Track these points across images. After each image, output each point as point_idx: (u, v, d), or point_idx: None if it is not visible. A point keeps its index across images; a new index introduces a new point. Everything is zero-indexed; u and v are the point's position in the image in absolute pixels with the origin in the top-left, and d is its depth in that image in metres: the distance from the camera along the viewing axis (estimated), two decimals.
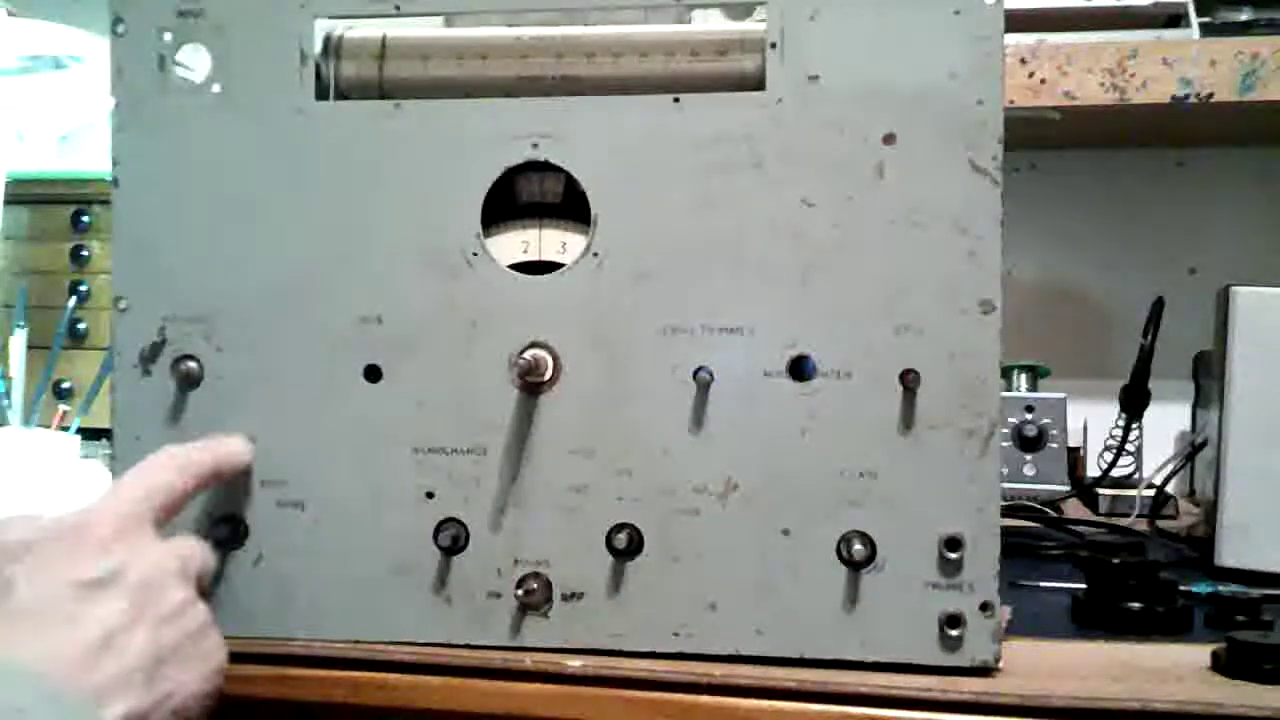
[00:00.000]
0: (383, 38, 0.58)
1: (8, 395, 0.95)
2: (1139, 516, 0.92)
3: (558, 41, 0.57)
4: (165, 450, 0.52)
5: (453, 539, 0.54)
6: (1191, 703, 0.47)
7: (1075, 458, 1.07)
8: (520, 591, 0.54)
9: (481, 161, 0.55)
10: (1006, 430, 1.00)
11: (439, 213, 0.55)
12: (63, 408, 1.03)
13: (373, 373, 0.55)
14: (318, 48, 0.57)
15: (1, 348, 1.00)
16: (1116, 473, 0.98)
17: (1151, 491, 0.96)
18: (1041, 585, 0.68)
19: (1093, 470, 1.05)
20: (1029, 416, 1.02)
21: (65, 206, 1.18)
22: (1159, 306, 0.94)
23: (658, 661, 0.52)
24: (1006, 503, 0.92)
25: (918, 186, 0.52)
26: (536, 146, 0.54)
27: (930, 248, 0.52)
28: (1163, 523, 0.92)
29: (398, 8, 0.56)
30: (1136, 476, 1.01)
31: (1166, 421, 1.06)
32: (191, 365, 0.56)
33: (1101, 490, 0.99)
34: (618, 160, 0.54)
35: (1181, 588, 0.62)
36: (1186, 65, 0.93)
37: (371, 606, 0.55)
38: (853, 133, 0.53)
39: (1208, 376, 0.85)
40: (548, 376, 0.54)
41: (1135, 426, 0.98)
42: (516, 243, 0.55)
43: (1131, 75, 0.94)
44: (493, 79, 0.57)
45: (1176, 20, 0.98)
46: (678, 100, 0.54)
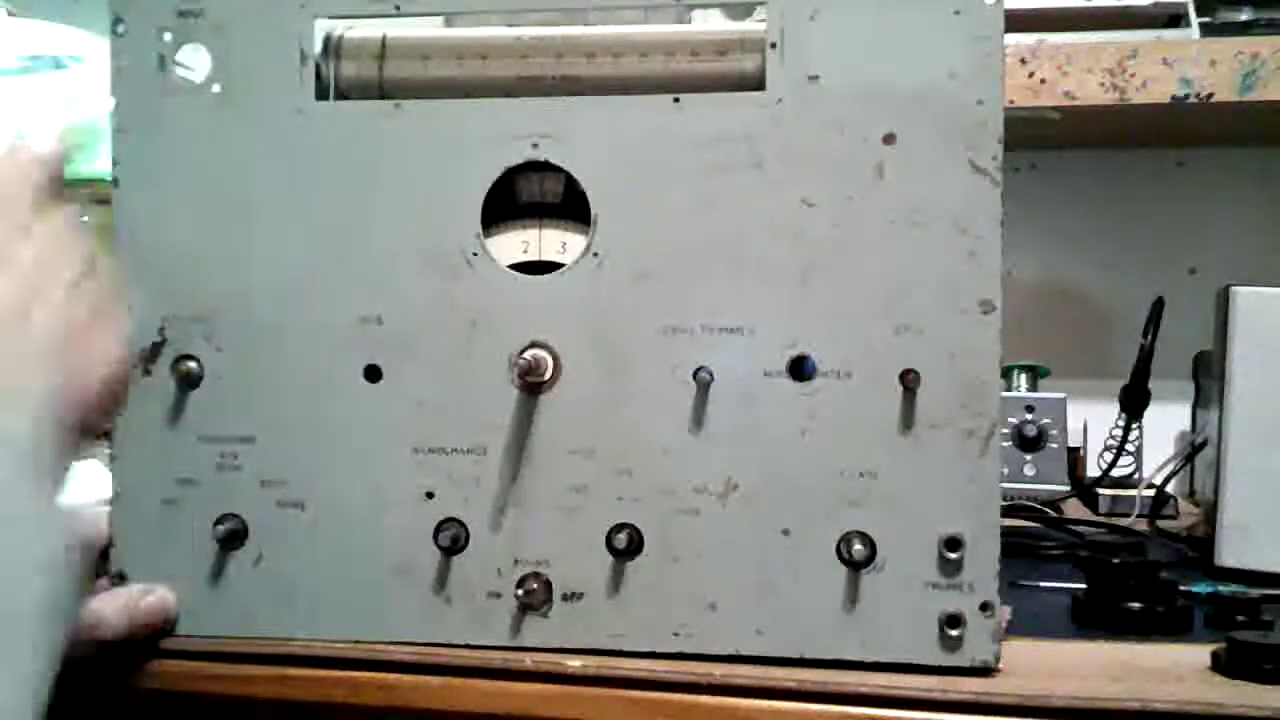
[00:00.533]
0: (383, 38, 0.58)
1: None
2: (1139, 516, 0.92)
3: (558, 41, 0.57)
4: None
5: (453, 539, 0.54)
6: (1191, 703, 0.47)
7: (1075, 458, 1.07)
8: (520, 591, 0.54)
9: (481, 161, 0.55)
10: (1006, 430, 1.00)
11: (439, 213, 0.55)
12: None
13: (373, 373, 0.55)
14: (318, 48, 0.57)
15: None
16: (1116, 473, 0.98)
17: (1151, 491, 0.96)
18: (1041, 585, 0.68)
19: (1093, 470, 1.05)
20: (1029, 416, 1.01)
21: None
22: (1159, 306, 0.94)
23: (658, 661, 0.52)
24: (1006, 503, 0.92)
25: (918, 186, 0.52)
26: (536, 146, 0.54)
27: (930, 248, 0.52)
28: (1163, 523, 0.92)
29: (398, 8, 0.56)
30: (1136, 476, 1.01)
31: (1166, 421, 1.05)
32: (191, 365, 0.56)
33: (1101, 490, 0.99)
34: (618, 160, 0.54)
35: (1181, 588, 0.62)
36: (1186, 65, 0.93)
37: (371, 606, 0.55)
38: (853, 133, 0.53)
39: (1208, 376, 0.85)
40: (548, 376, 0.54)
41: (1135, 426, 0.98)
42: (516, 243, 0.55)
43: (1131, 75, 0.94)
44: (493, 79, 0.57)
45: (1176, 20, 0.98)
46: (678, 100, 0.54)
